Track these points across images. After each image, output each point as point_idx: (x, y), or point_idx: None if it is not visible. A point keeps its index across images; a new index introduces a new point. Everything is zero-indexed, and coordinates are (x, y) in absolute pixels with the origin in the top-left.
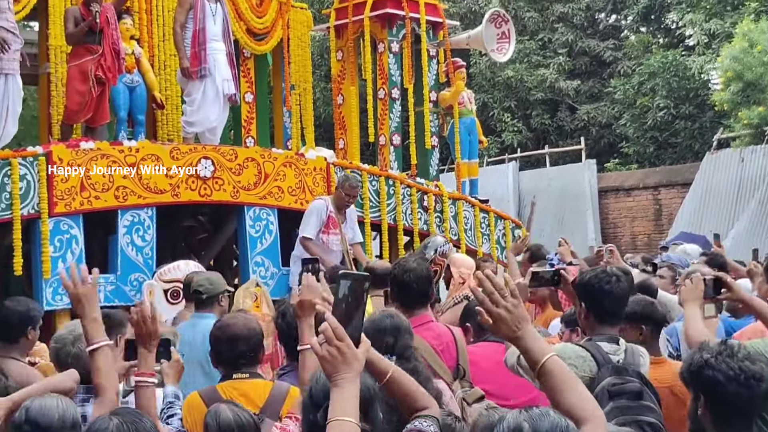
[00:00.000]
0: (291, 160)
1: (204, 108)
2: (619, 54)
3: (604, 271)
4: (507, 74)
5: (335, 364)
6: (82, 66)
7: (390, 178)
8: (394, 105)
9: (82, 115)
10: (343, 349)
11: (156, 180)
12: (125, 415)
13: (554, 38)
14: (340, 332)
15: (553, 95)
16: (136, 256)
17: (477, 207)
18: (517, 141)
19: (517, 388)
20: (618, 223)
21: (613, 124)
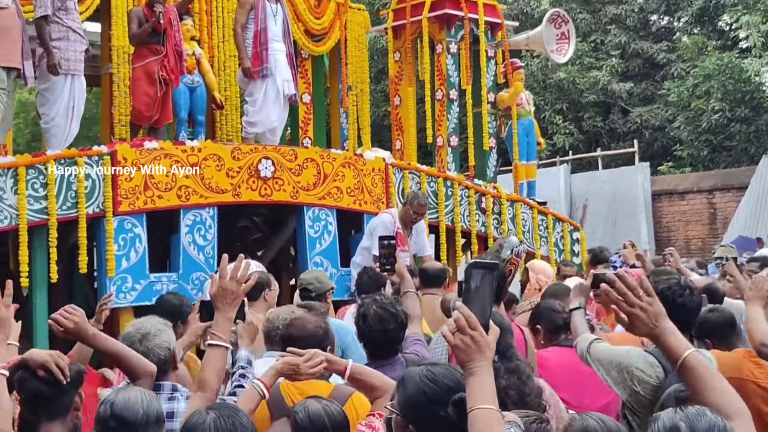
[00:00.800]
0: (350, 160)
1: (266, 108)
2: (672, 56)
3: (678, 283)
4: (559, 76)
5: (469, 352)
6: (147, 67)
7: (448, 179)
8: (451, 106)
9: (150, 116)
10: (476, 338)
11: (218, 180)
12: (222, 410)
13: (607, 40)
14: (473, 321)
15: (605, 97)
16: (198, 255)
17: (535, 209)
18: (569, 143)
19: (591, 393)
20: (672, 227)
21: (667, 127)
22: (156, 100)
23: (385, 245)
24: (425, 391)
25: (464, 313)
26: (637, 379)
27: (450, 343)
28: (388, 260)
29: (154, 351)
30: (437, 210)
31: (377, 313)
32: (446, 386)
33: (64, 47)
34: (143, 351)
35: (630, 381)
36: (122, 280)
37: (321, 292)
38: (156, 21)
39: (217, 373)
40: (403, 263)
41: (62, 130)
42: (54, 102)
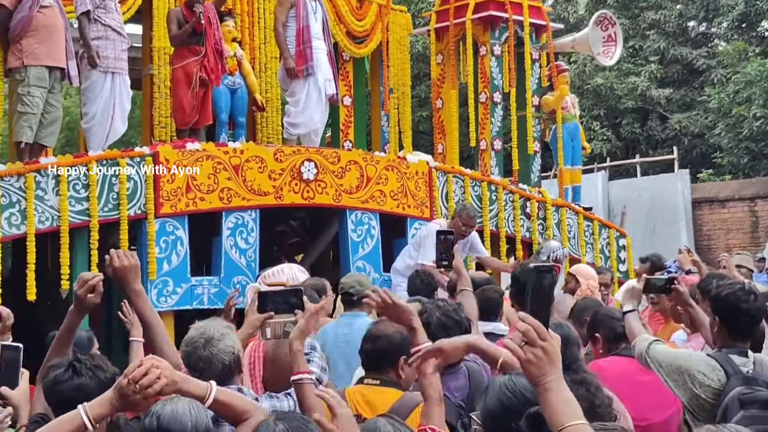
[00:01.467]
0: (393, 163)
1: (308, 109)
2: (711, 62)
3: (742, 288)
4: (596, 82)
5: (542, 365)
6: (186, 68)
7: (492, 183)
8: (495, 109)
9: (192, 118)
10: (548, 349)
11: (260, 182)
12: (291, 420)
13: (645, 45)
14: (543, 332)
15: (643, 104)
16: (240, 258)
17: (581, 215)
18: (606, 150)
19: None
20: (712, 235)
21: (706, 134)
22: (195, 102)
23: (442, 240)
24: (503, 402)
25: (532, 324)
26: (698, 382)
27: (520, 357)
28: (446, 255)
29: (218, 356)
30: (481, 215)
31: (441, 321)
32: (524, 398)
33: (104, 45)
34: (207, 356)
35: (691, 384)
36: (163, 284)
37: (363, 295)
38: (197, 21)
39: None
40: (460, 259)
41: (103, 129)
42: (94, 100)
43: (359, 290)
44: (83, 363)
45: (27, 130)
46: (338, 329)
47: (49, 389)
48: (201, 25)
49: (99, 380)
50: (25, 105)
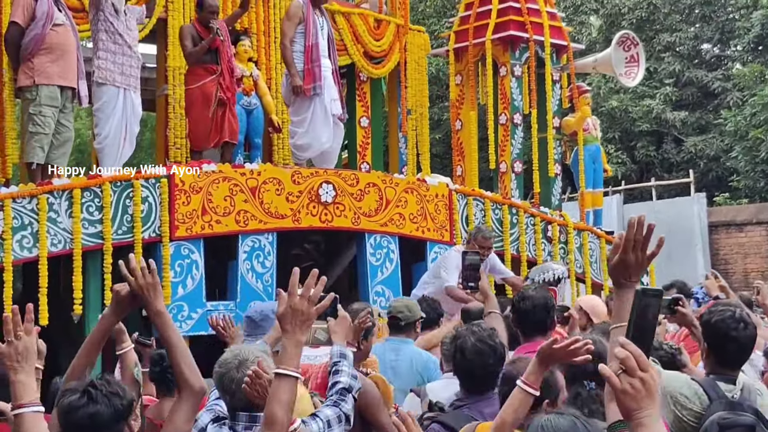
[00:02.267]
0: (412, 186)
1: (314, 129)
2: (727, 85)
3: (732, 316)
4: (611, 104)
5: (639, 398)
6: (204, 88)
7: (513, 206)
8: (516, 131)
9: (211, 140)
10: (647, 381)
11: (277, 204)
12: None
13: (660, 68)
14: (644, 361)
15: (658, 126)
16: (256, 282)
17: (603, 239)
18: (621, 173)
19: None
20: (729, 260)
21: (722, 157)
22: (215, 122)
23: (469, 262)
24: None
25: (632, 351)
26: (681, 404)
27: (615, 387)
28: (472, 277)
29: None
30: (502, 238)
31: (475, 347)
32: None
33: (120, 61)
34: (240, 378)
35: (673, 406)
36: (178, 309)
37: (411, 321)
38: (213, 37)
39: (285, 406)
40: (486, 281)
41: (116, 149)
42: (106, 120)
43: (408, 316)
44: (99, 389)
45: (38, 151)
46: (385, 354)
47: (63, 416)
48: (217, 41)
49: (115, 408)
50: (37, 125)
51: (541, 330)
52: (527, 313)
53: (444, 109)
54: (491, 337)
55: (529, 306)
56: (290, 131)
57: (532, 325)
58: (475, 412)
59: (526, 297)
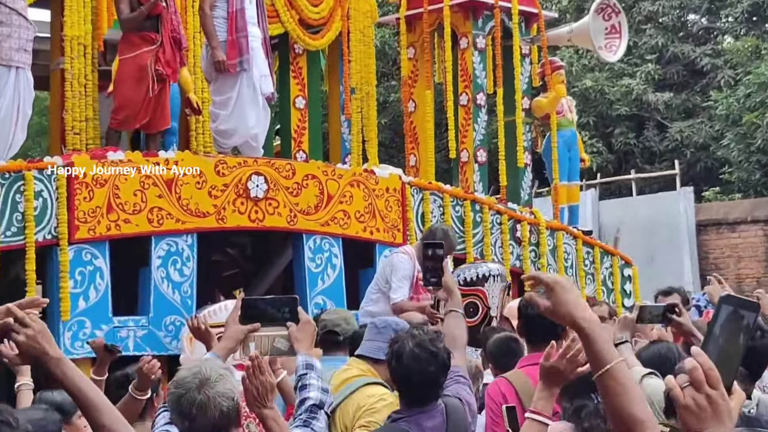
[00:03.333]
0: (359, 178)
1: (241, 111)
2: (718, 61)
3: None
4: (584, 84)
5: (703, 417)
6: (139, 59)
7: (477, 202)
8: (479, 113)
9: (138, 120)
10: (715, 399)
11: (198, 200)
12: None
13: (641, 42)
14: (714, 377)
15: (639, 110)
16: (173, 294)
17: (579, 240)
18: (597, 164)
19: None
20: (720, 264)
21: (712, 146)
22: (147, 100)
23: (430, 254)
24: None
25: (702, 363)
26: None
27: (678, 401)
28: (434, 272)
29: (216, 401)
30: (464, 239)
31: (413, 353)
32: None
33: (8, 33)
34: (201, 400)
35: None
36: (79, 325)
37: (350, 334)
38: (155, 2)
39: None
40: (451, 275)
41: (6, 136)
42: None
43: (347, 329)
44: None
45: None
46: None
47: None
48: (160, 7)
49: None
50: None
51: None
52: (534, 319)
53: (392, 88)
54: (433, 342)
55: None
56: (211, 113)
57: (540, 332)
58: (414, 426)
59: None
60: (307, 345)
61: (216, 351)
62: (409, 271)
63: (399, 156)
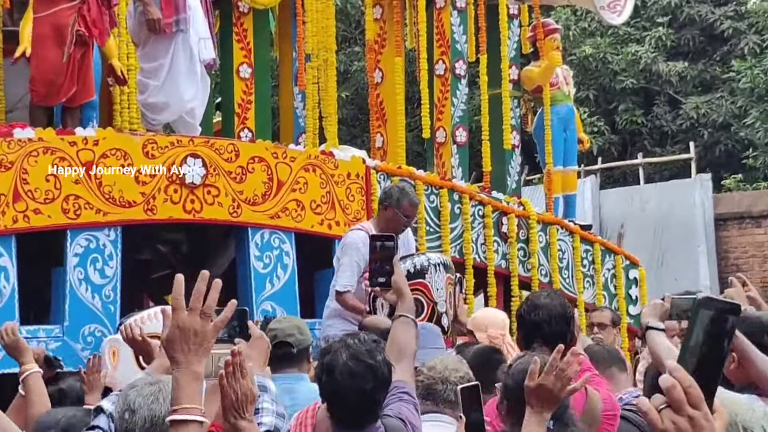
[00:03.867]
0: (315, 161)
1: (173, 81)
2: (741, 25)
3: None
4: (583, 52)
5: None
6: (56, 18)
7: (455, 191)
8: (458, 85)
9: (63, 92)
10: (698, 421)
11: (122, 187)
12: None
13: (650, 2)
14: (695, 395)
15: (647, 82)
16: (92, 298)
17: (577, 235)
18: (598, 147)
19: None
20: (742, 264)
21: (733, 125)
22: (70, 68)
23: (378, 248)
24: None
25: (681, 379)
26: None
27: (654, 425)
28: (382, 270)
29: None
30: (440, 235)
31: (347, 366)
32: None
33: None
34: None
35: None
36: None
37: (305, 346)
38: None
39: None
40: (402, 275)
41: None
42: None
43: (301, 340)
44: None
45: None
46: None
47: None
48: None
49: None
50: None
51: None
52: (540, 325)
53: (355, 55)
54: (371, 354)
55: (544, 317)
56: (139, 84)
57: (549, 340)
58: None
59: (538, 306)
60: (260, 364)
61: (151, 369)
62: (358, 250)
63: (363, 136)
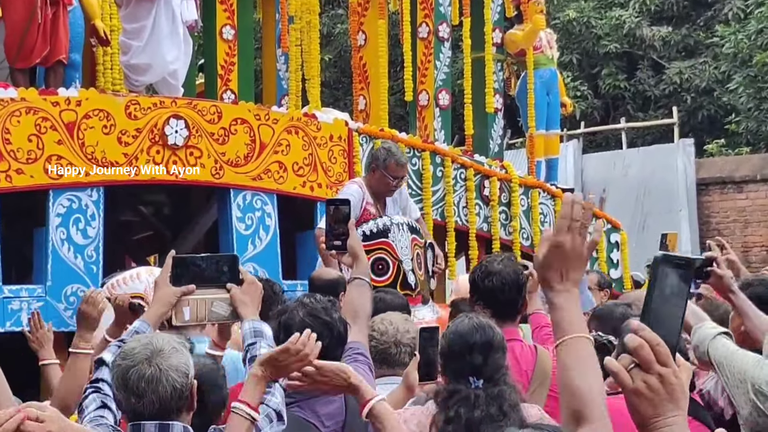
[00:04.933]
0: (298, 123)
1: (156, 42)
2: None
3: None
4: (567, 16)
5: (656, 402)
6: None
7: (438, 153)
8: (441, 48)
9: (36, 52)
10: (668, 379)
11: (105, 147)
12: None
13: None
14: (663, 353)
15: (631, 47)
16: (75, 258)
17: (559, 199)
18: (581, 111)
19: None
20: (724, 229)
21: (716, 90)
22: (42, 29)
23: (332, 212)
24: None
25: (649, 338)
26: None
27: (625, 386)
28: (338, 233)
29: (169, 376)
30: (422, 198)
31: (304, 324)
32: None
33: None
34: (152, 374)
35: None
36: None
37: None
38: None
39: None
40: (357, 238)
41: None
42: None
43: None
44: None
45: None
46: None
47: None
48: None
49: None
50: None
51: (511, 315)
52: (494, 292)
53: (338, 18)
54: (327, 312)
55: (497, 283)
56: (122, 44)
57: (500, 309)
58: (309, 412)
59: (491, 272)
60: (253, 309)
61: (146, 318)
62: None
63: (345, 98)
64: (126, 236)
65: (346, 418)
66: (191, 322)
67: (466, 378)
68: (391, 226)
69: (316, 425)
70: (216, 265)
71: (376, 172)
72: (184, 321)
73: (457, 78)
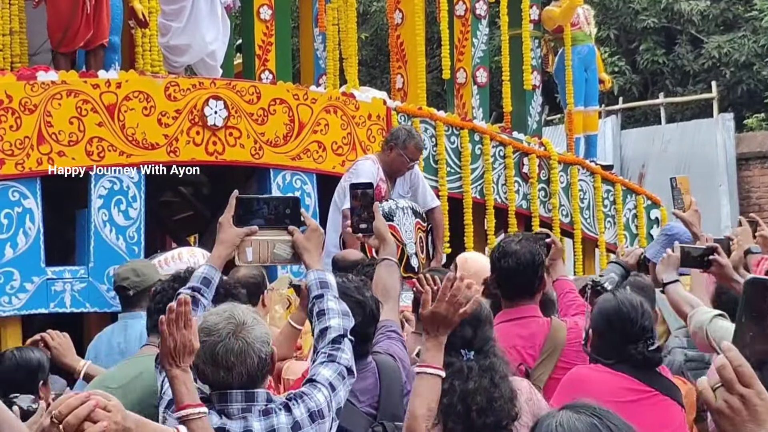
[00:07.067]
0: (336, 103)
1: (195, 24)
2: None
3: None
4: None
5: (736, 422)
6: None
7: (476, 131)
8: (479, 26)
9: (80, 36)
10: (750, 399)
11: (145, 129)
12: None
13: None
14: (746, 374)
15: (669, 21)
16: (117, 240)
17: (598, 176)
18: (619, 86)
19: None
20: (764, 203)
21: (756, 64)
22: (85, 12)
23: (358, 195)
24: None
25: (732, 359)
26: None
27: (709, 404)
28: (364, 216)
29: (255, 347)
30: (460, 176)
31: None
32: None
33: None
34: (240, 348)
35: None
36: (6, 277)
37: (142, 288)
38: None
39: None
40: (383, 220)
41: None
42: None
43: (137, 282)
44: None
45: None
46: (113, 337)
47: None
48: None
49: None
50: None
51: (527, 293)
52: (510, 272)
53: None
54: (359, 291)
55: (512, 264)
56: (161, 26)
57: (516, 288)
58: None
59: (508, 253)
60: (317, 257)
61: (210, 261)
62: (370, 177)
63: (383, 77)
64: (166, 217)
65: (381, 393)
66: (254, 263)
67: (458, 351)
68: (396, 210)
69: (350, 401)
70: (278, 206)
71: (394, 150)
72: (247, 261)
73: (495, 55)
